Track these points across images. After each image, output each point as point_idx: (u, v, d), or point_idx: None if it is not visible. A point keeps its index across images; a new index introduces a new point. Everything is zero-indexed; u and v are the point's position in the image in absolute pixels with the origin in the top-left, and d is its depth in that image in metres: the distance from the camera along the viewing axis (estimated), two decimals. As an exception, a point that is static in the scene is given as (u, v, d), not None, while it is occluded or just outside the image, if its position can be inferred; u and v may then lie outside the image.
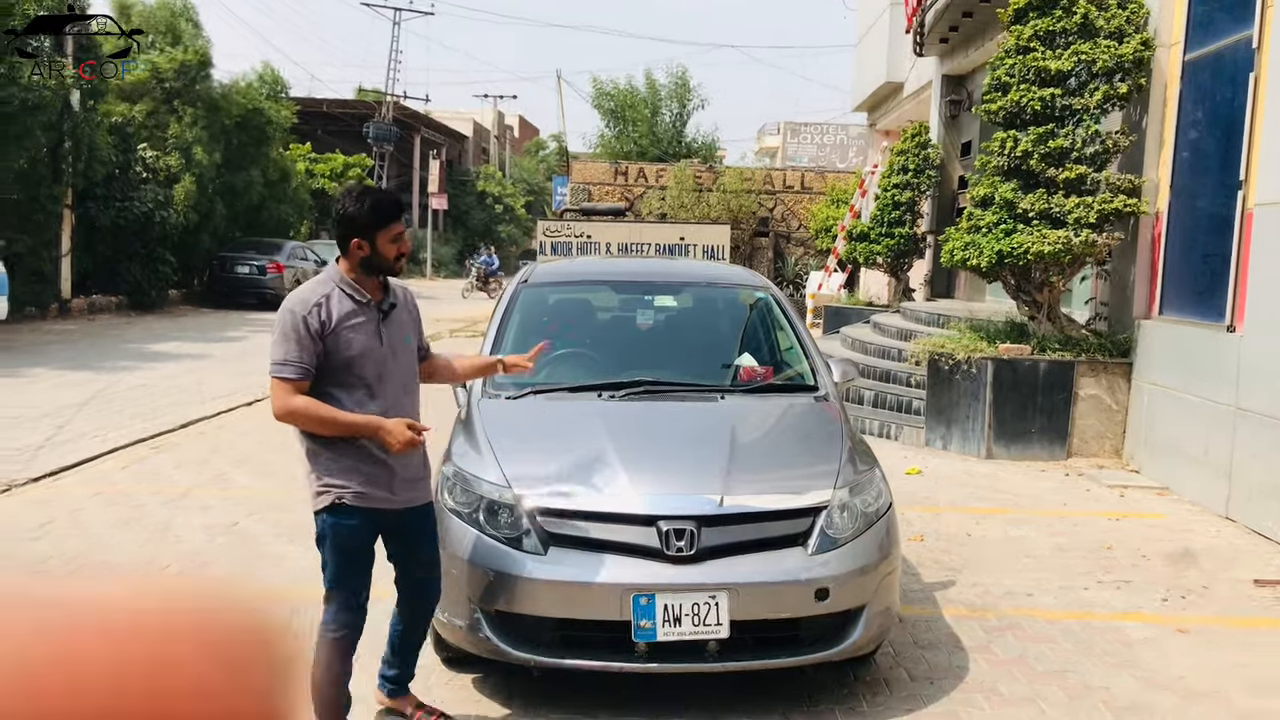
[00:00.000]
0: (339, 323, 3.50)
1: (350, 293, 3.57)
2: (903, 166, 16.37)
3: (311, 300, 3.51)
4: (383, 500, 3.62)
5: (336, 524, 3.60)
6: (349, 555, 3.62)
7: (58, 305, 21.29)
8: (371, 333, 3.58)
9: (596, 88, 41.21)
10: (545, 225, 15.75)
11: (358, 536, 3.63)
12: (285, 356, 3.46)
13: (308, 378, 3.49)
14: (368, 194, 3.61)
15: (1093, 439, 9.38)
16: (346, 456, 3.56)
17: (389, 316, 3.66)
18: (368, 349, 3.56)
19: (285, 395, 3.47)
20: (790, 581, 4.01)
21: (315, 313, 3.48)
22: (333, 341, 3.49)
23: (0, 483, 7.65)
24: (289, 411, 3.48)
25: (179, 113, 25.39)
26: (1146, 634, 5.24)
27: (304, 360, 3.46)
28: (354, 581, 3.66)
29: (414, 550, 3.86)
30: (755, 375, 5.46)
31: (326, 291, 3.55)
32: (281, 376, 3.47)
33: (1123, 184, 9.11)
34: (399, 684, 4.04)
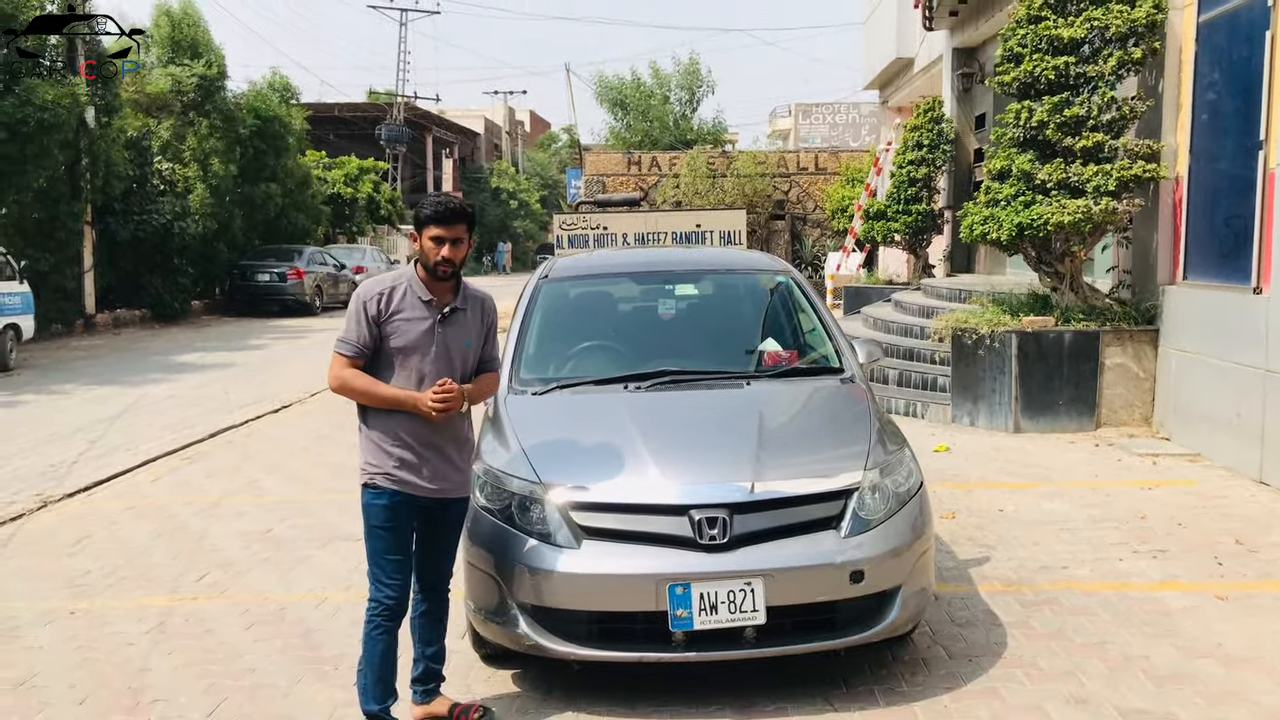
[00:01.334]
0: (395, 313, 3.82)
1: (415, 290, 3.87)
2: (917, 143, 16.28)
3: (377, 289, 3.86)
4: (415, 486, 3.81)
5: (370, 502, 3.85)
6: (379, 533, 3.83)
7: (83, 321, 21.49)
8: (425, 330, 3.84)
9: (600, 83, 41.00)
10: (561, 219, 15.77)
11: (388, 517, 3.81)
12: (345, 335, 3.84)
13: (361, 357, 3.82)
14: (429, 198, 3.97)
15: (1121, 408, 9.31)
16: (386, 440, 3.82)
17: (448, 319, 3.89)
18: (419, 344, 3.82)
19: (339, 367, 3.84)
20: (825, 565, 4.01)
21: (376, 300, 3.82)
22: (388, 329, 3.82)
23: (36, 499, 7.74)
24: (341, 383, 3.83)
25: (195, 125, 25.53)
26: (1185, 602, 5.20)
27: (359, 340, 3.81)
28: (385, 561, 3.83)
29: (433, 535, 3.98)
30: (780, 360, 5.45)
31: (394, 285, 3.88)
32: (339, 352, 3.84)
33: (1141, 150, 9.02)
34: (424, 683, 4.06)
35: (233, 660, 4.71)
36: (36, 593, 5.71)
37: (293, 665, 4.63)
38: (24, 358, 16.39)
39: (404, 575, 3.86)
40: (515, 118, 68.64)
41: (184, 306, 24.56)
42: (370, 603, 3.85)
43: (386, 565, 3.83)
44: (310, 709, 4.22)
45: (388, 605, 3.82)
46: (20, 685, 4.49)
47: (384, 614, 3.82)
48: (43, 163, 18.93)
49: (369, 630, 3.84)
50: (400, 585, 3.84)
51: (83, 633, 5.09)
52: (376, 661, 3.84)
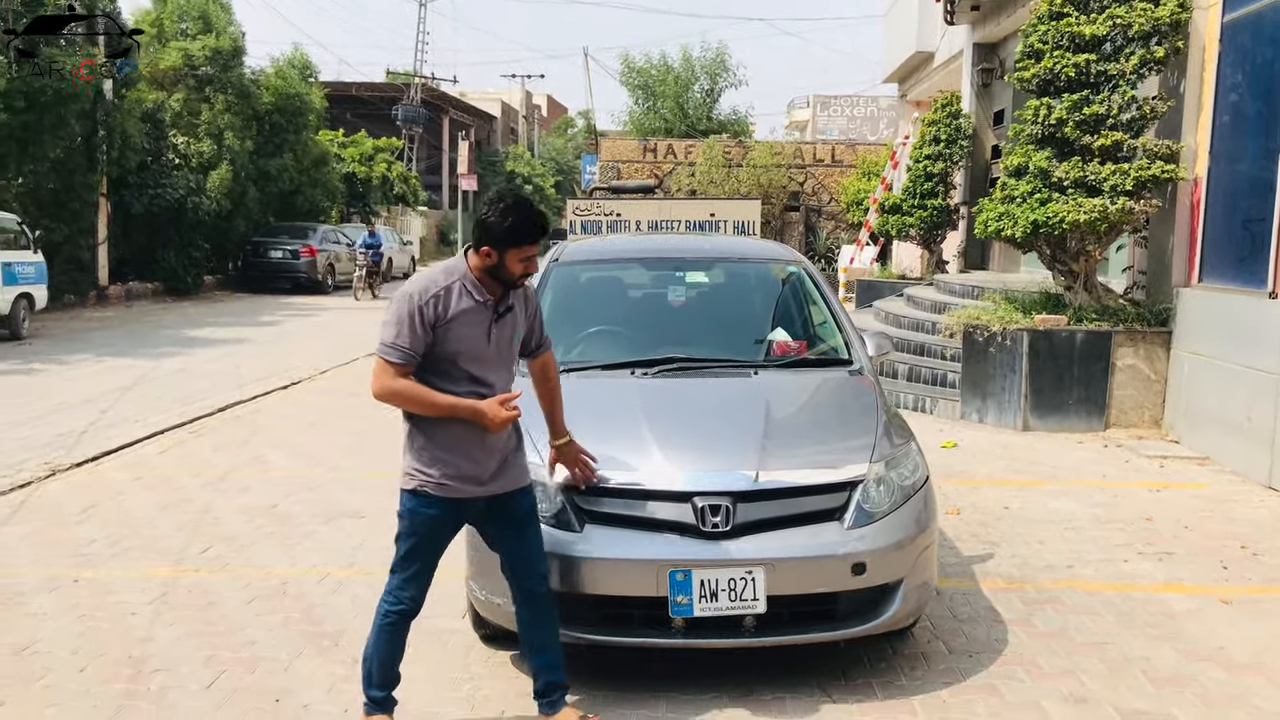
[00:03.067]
0: (453, 317, 3.54)
1: (470, 289, 3.60)
2: (934, 137, 16.20)
3: (432, 290, 3.54)
4: (470, 490, 3.63)
5: (415, 509, 3.65)
6: (419, 542, 3.67)
7: (96, 293, 21.57)
8: (482, 332, 3.61)
9: (626, 64, 40.99)
10: (575, 204, 15.74)
11: (433, 527, 3.67)
12: (395, 340, 3.51)
13: (411, 364, 3.53)
14: (514, 211, 3.58)
15: (1131, 409, 9.27)
16: (437, 446, 3.60)
17: (502, 318, 3.67)
18: (474, 346, 3.60)
19: (388, 377, 3.52)
20: (827, 556, 4.00)
21: (433, 304, 3.52)
22: (443, 333, 3.53)
23: (45, 467, 7.78)
24: (390, 392, 3.53)
25: (211, 100, 25.54)
26: (1189, 605, 5.18)
27: (413, 347, 3.51)
28: (416, 568, 3.70)
29: (509, 534, 3.79)
30: (789, 350, 5.43)
31: (448, 284, 3.58)
32: (388, 359, 3.52)
33: (1160, 150, 8.96)
34: (544, 696, 3.86)
35: (234, 633, 4.73)
36: (42, 560, 5.73)
37: (293, 639, 4.65)
38: (36, 327, 16.47)
39: (428, 580, 3.74)
40: (532, 102, 68.52)
41: (197, 281, 24.63)
42: (389, 597, 3.71)
43: (416, 571, 3.70)
44: (309, 683, 4.23)
45: (405, 610, 3.71)
46: (23, 651, 4.52)
47: (401, 613, 3.71)
48: (59, 133, 18.98)
49: (382, 623, 3.71)
50: (423, 589, 3.73)
51: (86, 601, 5.11)
52: (386, 654, 3.73)
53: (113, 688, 4.18)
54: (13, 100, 17.62)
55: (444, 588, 5.16)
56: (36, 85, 17.97)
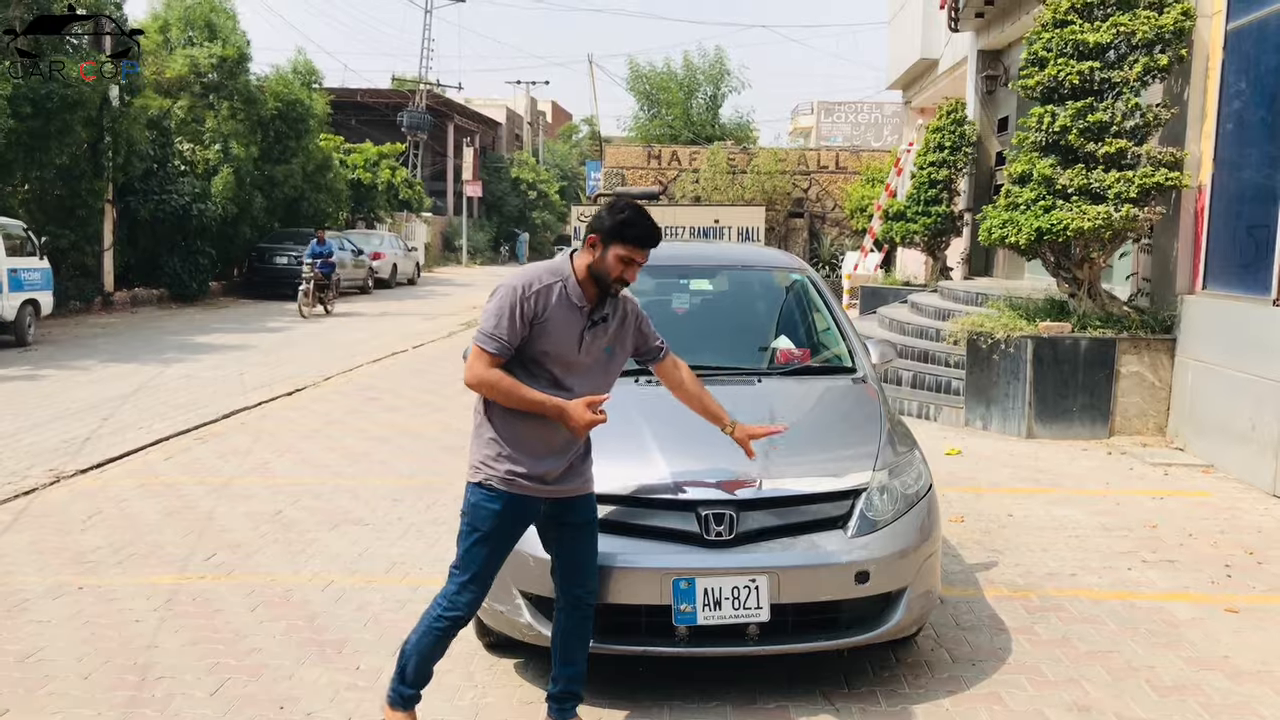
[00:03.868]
0: (549, 315, 3.55)
1: (570, 292, 3.60)
2: (939, 144, 16.21)
3: (536, 284, 3.56)
4: (535, 488, 3.62)
5: (479, 503, 3.64)
6: (481, 538, 3.64)
7: (101, 298, 21.63)
8: (573, 336, 3.60)
9: (633, 70, 41.11)
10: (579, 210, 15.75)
11: (497, 523, 3.63)
12: (494, 330, 3.52)
13: (506, 355, 3.54)
14: (631, 211, 3.62)
15: (1135, 417, 9.26)
16: (506, 441, 3.60)
17: (596, 325, 3.67)
18: (563, 350, 3.60)
19: (482, 365, 3.54)
20: (830, 564, 3.99)
21: (534, 299, 3.54)
22: (538, 330, 3.55)
23: (49, 474, 7.79)
24: (482, 381, 3.54)
25: (215, 107, 25.61)
26: (1193, 614, 5.17)
27: (510, 339, 3.52)
28: (476, 569, 3.66)
29: (573, 554, 3.79)
30: (792, 357, 5.44)
31: (552, 281, 3.60)
32: (483, 347, 3.53)
33: (1164, 158, 8.96)
34: (559, 702, 3.87)
35: (238, 640, 4.74)
36: (46, 567, 5.75)
37: (297, 648, 4.65)
38: (42, 333, 16.51)
39: (487, 585, 3.71)
40: (537, 108, 68.63)
41: (202, 287, 24.68)
42: (445, 601, 3.66)
43: (476, 573, 3.65)
44: (313, 691, 4.23)
45: (463, 614, 3.67)
46: (27, 659, 4.53)
47: (455, 619, 3.67)
48: (66, 139, 19.05)
49: (432, 624, 3.66)
50: (480, 595, 3.69)
51: (90, 608, 5.12)
52: (425, 653, 3.70)
53: (117, 695, 4.18)
54: (20, 106, 17.69)
55: (448, 595, 5.18)
56: (43, 92, 18.04)
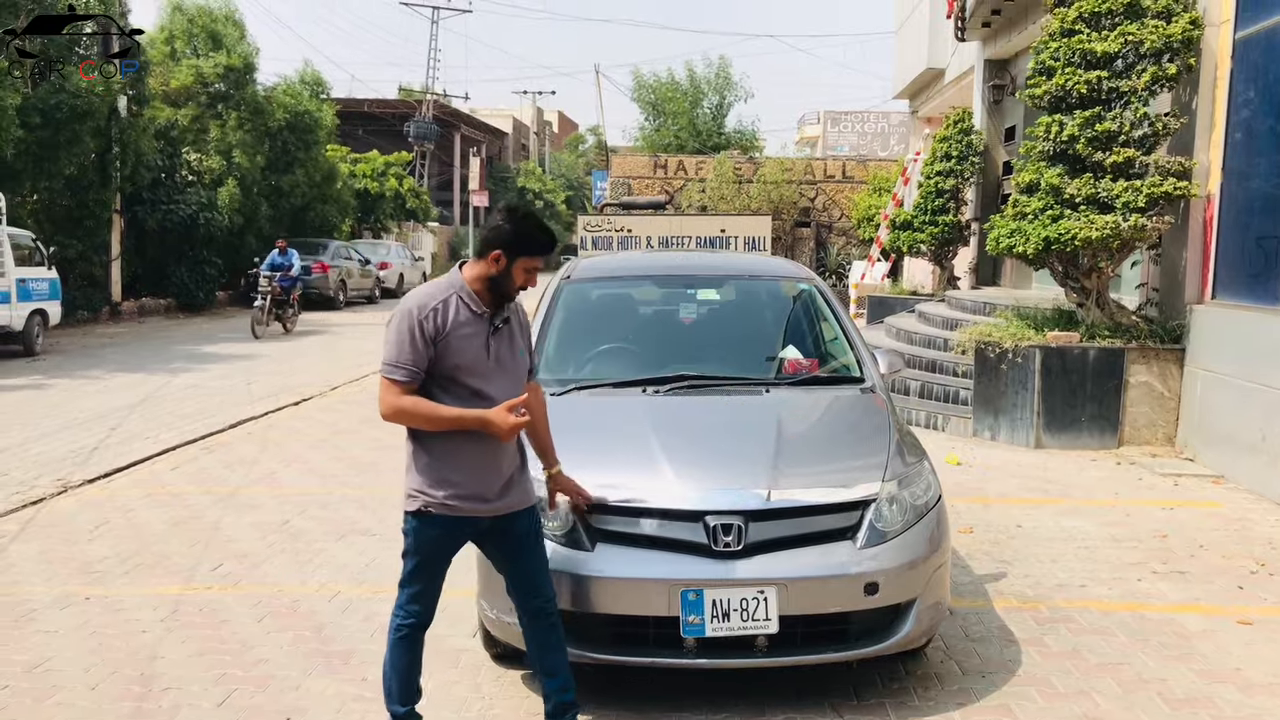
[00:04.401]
0: (451, 330, 3.54)
1: (468, 301, 3.59)
2: (946, 153, 16.20)
3: (430, 305, 3.54)
4: (475, 509, 3.62)
5: (419, 529, 3.64)
6: (423, 561, 3.68)
7: (109, 308, 21.69)
8: (480, 345, 3.60)
9: (637, 81, 41.24)
10: (586, 220, 15.77)
11: (437, 546, 3.67)
12: (397, 359, 3.51)
13: (416, 381, 3.52)
14: (528, 221, 3.65)
15: (1144, 427, 9.22)
16: (442, 466, 3.59)
17: (499, 331, 3.66)
18: (474, 360, 3.58)
19: (394, 396, 3.52)
20: (839, 576, 3.97)
21: (431, 317, 3.52)
22: (443, 347, 3.53)
23: (57, 484, 7.80)
24: (397, 410, 3.53)
25: (223, 117, 25.69)
26: (1205, 626, 5.14)
27: (415, 364, 3.50)
28: (423, 584, 3.71)
29: (512, 554, 3.79)
30: (800, 367, 5.42)
31: (445, 297, 3.58)
32: (391, 378, 3.52)
33: (1172, 167, 8.94)
34: (556, 717, 3.86)
35: (244, 651, 4.73)
36: (54, 577, 5.74)
37: (304, 658, 4.64)
38: (50, 343, 16.55)
39: (437, 593, 3.75)
40: (543, 118, 68.79)
41: (209, 297, 24.74)
42: (401, 611, 3.72)
43: (424, 586, 3.71)
44: (320, 702, 4.22)
45: (419, 620, 3.72)
46: (34, 669, 4.52)
47: (413, 625, 3.72)
48: (74, 150, 19.12)
49: (396, 638, 3.72)
50: (432, 601, 3.75)
51: (97, 618, 5.12)
52: (403, 667, 3.74)
53: (123, 706, 4.17)
54: (29, 117, 17.76)
55: (455, 607, 5.16)
56: (52, 102, 18.12)
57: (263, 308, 19.13)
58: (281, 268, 19.84)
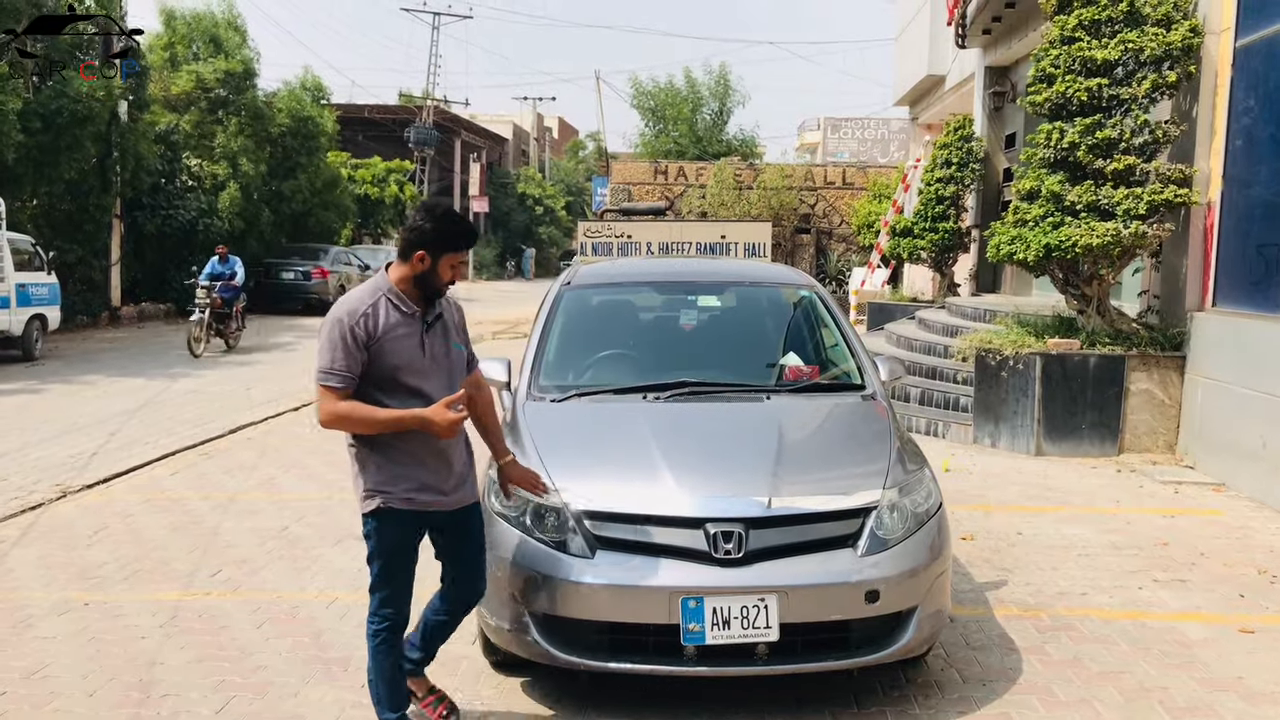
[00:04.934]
0: (384, 333, 3.57)
1: (397, 303, 3.63)
2: (946, 160, 16.21)
3: (359, 310, 3.57)
4: (433, 502, 3.70)
5: (381, 528, 3.68)
6: (392, 558, 3.72)
7: (108, 313, 21.67)
8: (415, 344, 3.64)
9: (636, 88, 41.31)
10: (586, 226, 15.74)
11: (402, 540, 3.72)
12: (331, 365, 3.53)
13: (351, 386, 3.55)
14: (449, 218, 3.66)
15: (1145, 434, 9.21)
16: (395, 462, 3.64)
17: (432, 327, 3.70)
18: (410, 359, 3.62)
19: (331, 402, 3.55)
20: (840, 583, 3.97)
21: (362, 323, 3.55)
22: (377, 350, 3.56)
23: (56, 489, 7.78)
24: (336, 417, 3.56)
25: (224, 122, 25.70)
26: (1206, 634, 5.13)
27: (349, 369, 3.53)
28: (396, 582, 3.75)
29: (460, 549, 3.91)
30: (801, 374, 5.41)
31: (374, 301, 3.61)
32: (327, 385, 3.54)
33: (1173, 174, 8.94)
34: (417, 666, 4.07)
35: (243, 658, 4.71)
36: (52, 583, 5.73)
37: (302, 665, 4.63)
38: (49, 348, 16.53)
39: (409, 592, 3.79)
40: (544, 124, 68.85)
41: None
42: (375, 618, 3.75)
43: (395, 586, 3.74)
44: (318, 709, 4.20)
45: (394, 622, 3.77)
46: (32, 675, 4.50)
47: (390, 629, 3.76)
48: (74, 154, 19.11)
49: (376, 644, 3.75)
50: (406, 601, 3.78)
51: (96, 624, 5.10)
52: (388, 673, 3.78)
53: (122, 712, 4.16)
54: (30, 121, 17.76)
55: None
56: (53, 107, 18.11)
57: (200, 322, 16.73)
58: (222, 276, 17.63)
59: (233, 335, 17.79)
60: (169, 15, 26.02)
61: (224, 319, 17.48)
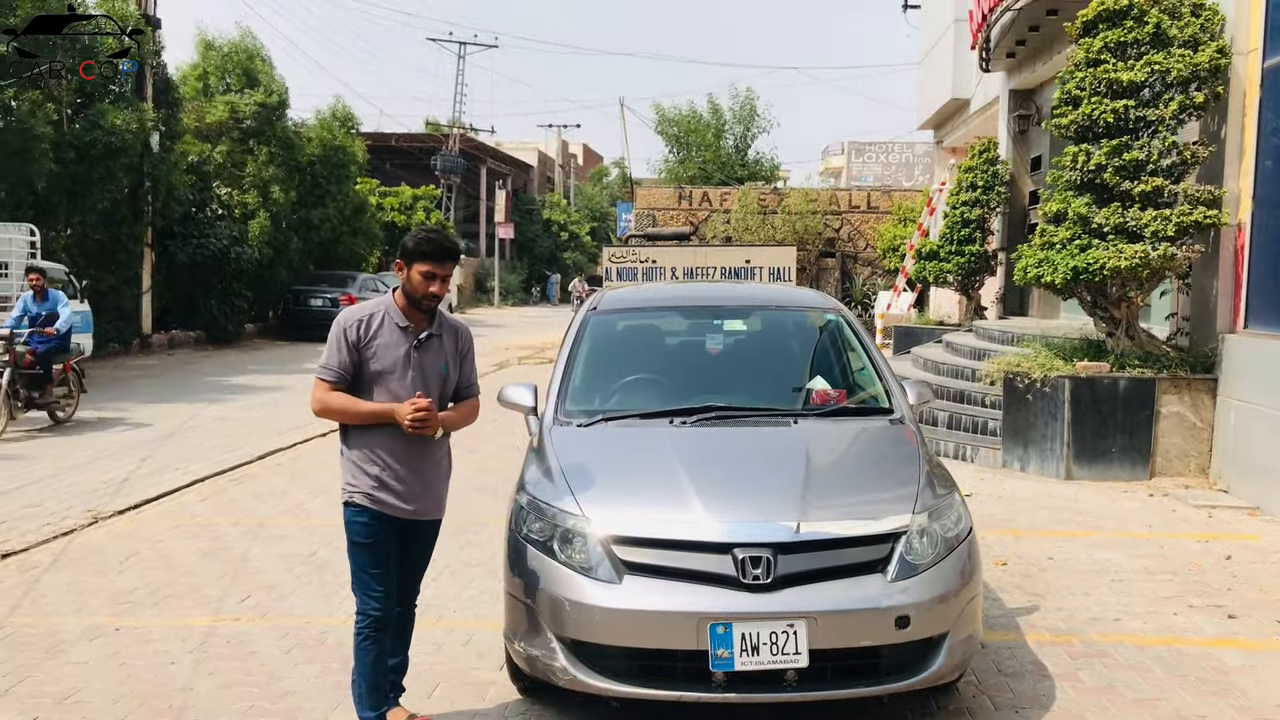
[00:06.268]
0: (374, 339, 4.01)
1: (394, 318, 4.05)
2: (971, 184, 16.17)
3: (357, 316, 4.03)
4: (392, 507, 3.99)
5: (351, 520, 4.02)
6: (361, 548, 4.00)
7: (139, 341, 21.90)
8: (402, 356, 4.02)
9: (660, 114, 41.47)
10: (610, 251, 15.81)
11: (368, 533, 3.99)
12: (326, 361, 4.01)
13: (342, 381, 4.00)
14: (425, 233, 4.05)
15: (1177, 458, 9.11)
16: (365, 461, 4.00)
17: (424, 345, 4.06)
18: (395, 368, 4.01)
19: (321, 392, 4.01)
20: (870, 609, 3.93)
21: (356, 326, 4.01)
22: (366, 353, 4.00)
23: (87, 515, 7.85)
24: (323, 406, 4.01)
25: (255, 152, 26.02)
26: (1244, 661, 5.04)
27: (341, 366, 3.99)
28: (369, 575, 4.00)
29: (413, 570, 4.21)
30: (828, 398, 5.39)
31: (374, 311, 4.06)
32: (321, 377, 4.01)
33: (1202, 195, 8.88)
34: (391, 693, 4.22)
35: (272, 683, 4.72)
36: (84, 608, 5.77)
37: (330, 690, 4.63)
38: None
39: (387, 587, 4.02)
40: (568, 151, 69.26)
41: (238, 329, 24.96)
42: (358, 615, 4.00)
43: (370, 579, 3.99)
44: (347, 735, 4.20)
45: (374, 617, 3.98)
46: (64, 700, 4.53)
47: (372, 625, 3.98)
48: (107, 185, 19.40)
49: (359, 642, 3.99)
50: (385, 596, 4.00)
51: (126, 649, 5.13)
52: (369, 671, 4.01)
53: (152, 738, 4.17)
54: (64, 152, 18.03)
55: (484, 640, 5.16)
56: (87, 139, 18.38)
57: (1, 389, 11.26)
58: (36, 318, 12.13)
59: (58, 404, 12.21)
60: (206, 45, 26.43)
61: (38, 383, 11.81)
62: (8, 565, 6.62)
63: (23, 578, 6.35)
